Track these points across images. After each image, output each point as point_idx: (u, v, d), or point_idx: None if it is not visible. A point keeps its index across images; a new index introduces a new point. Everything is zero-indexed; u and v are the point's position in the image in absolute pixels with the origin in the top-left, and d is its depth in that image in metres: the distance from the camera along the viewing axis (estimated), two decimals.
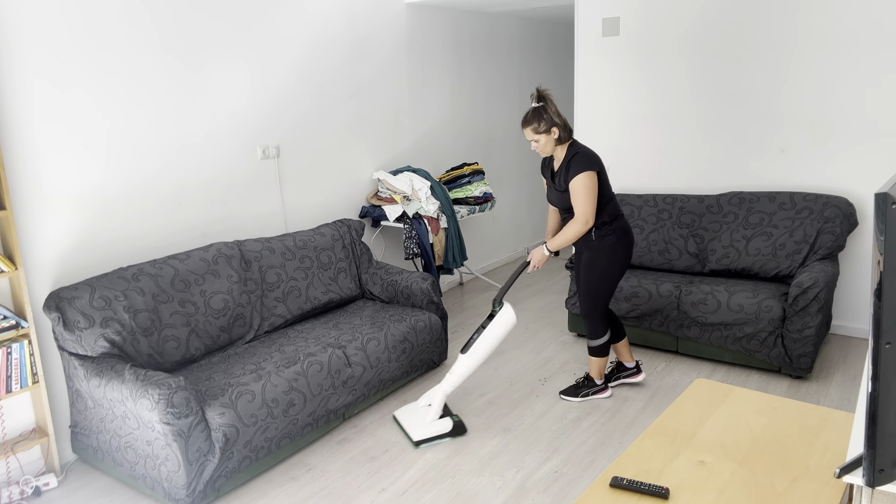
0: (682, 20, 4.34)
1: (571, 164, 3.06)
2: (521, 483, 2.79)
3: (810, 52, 3.95)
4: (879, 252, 1.09)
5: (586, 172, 3.02)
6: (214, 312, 3.27)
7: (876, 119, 3.84)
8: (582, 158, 3.04)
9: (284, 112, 4.04)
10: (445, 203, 4.73)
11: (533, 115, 3.05)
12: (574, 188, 3.05)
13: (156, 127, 3.37)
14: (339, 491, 2.80)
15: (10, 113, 2.83)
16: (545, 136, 3.06)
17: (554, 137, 3.07)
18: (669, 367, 3.83)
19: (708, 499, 1.77)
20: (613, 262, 3.22)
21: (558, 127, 3.05)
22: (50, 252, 3.01)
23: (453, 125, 5.45)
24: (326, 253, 3.89)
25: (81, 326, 2.82)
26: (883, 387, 1.13)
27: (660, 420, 2.19)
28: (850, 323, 4.16)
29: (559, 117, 3.05)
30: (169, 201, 3.47)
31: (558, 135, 3.07)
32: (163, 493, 2.66)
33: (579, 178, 3.02)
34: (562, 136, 3.08)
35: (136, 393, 2.55)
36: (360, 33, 4.49)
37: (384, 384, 3.44)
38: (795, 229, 3.88)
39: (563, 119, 3.06)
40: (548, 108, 3.04)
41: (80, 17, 3.01)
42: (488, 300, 5.19)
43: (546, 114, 3.03)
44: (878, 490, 1.29)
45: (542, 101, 3.06)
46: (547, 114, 3.03)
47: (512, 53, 6.02)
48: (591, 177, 3.03)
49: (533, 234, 6.73)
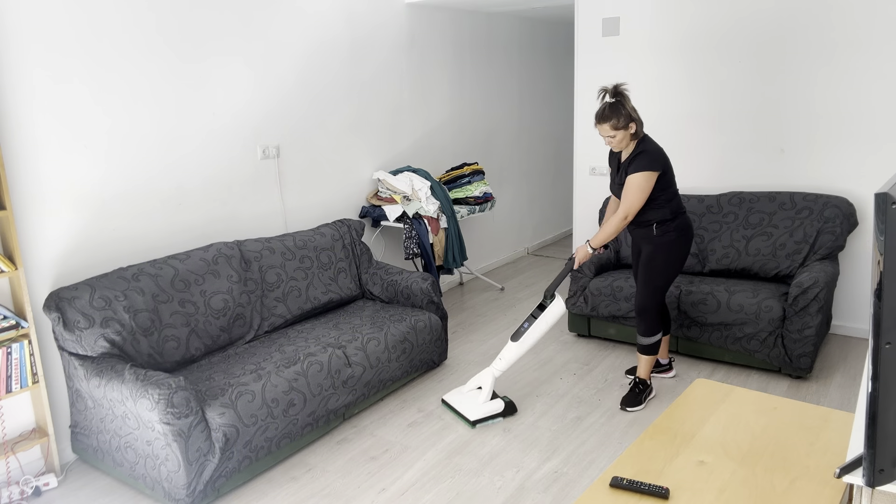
0: (681, 20, 4.34)
1: (635, 160, 3.07)
2: (521, 483, 2.79)
3: (810, 53, 3.95)
4: (879, 252, 1.09)
5: (646, 172, 3.04)
6: (214, 312, 3.27)
7: (876, 119, 3.84)
8: (647, 157, 3.05)
9: (285, 112, 4.04)
10: (445, 203, 4.73)
11: (611, 110, 3.02)
12: (629, 183, 3.07)
13: (156, 127, 3.37)
14: (339, 491, 2.80)
15: (10, 112, 2.83)
16: (623, 132, 3.05)
17: (631, 133, 3.06)
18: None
19: (708, 499, 1.77)
20: (674, 258, 3.23)
21: (636, 122, 3.05)
22: (50, 252, 3.01)
23: (453, 125, 5.45)
24: (326, 253, 3.89)
25: (81, 326, 2.82)
26: (883, 387, 1.13)
27: (660, 420, 2.19)
28: (850, 323, 4.16)
29: (635, 112, 3.05)
30: (169, 201, 3.47)
31: (635, 130, 3.06)
32: (163, 493, 2.67)
33: (638, 175, 3.04)
34: (638, 130, 3.07)
35: (136, 393, 2.55)
36: (361, 33, 4.49)
37: (384, 384, 3.44)
38: (795, 229, 3.88)
39: (637, 115, 3.06)
40: (625, 103, 3.03)
41: (81, 18, 3.01)
42: (488, 300, 5.20)
43: (624, 109, 3.02)
44: (878, 490, 1.29)
45: (619, 96, 3.05)
46: (625, 109, 3.02)
47: (512, 53, 6.02)
48: (650, 178, 3.05)
49: (533, 234, 6.73)
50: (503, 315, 4.84)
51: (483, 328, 4.59)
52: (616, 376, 3.75)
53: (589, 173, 4.94)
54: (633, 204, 3.08)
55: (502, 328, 4.58)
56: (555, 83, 6.77)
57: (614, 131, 3.05)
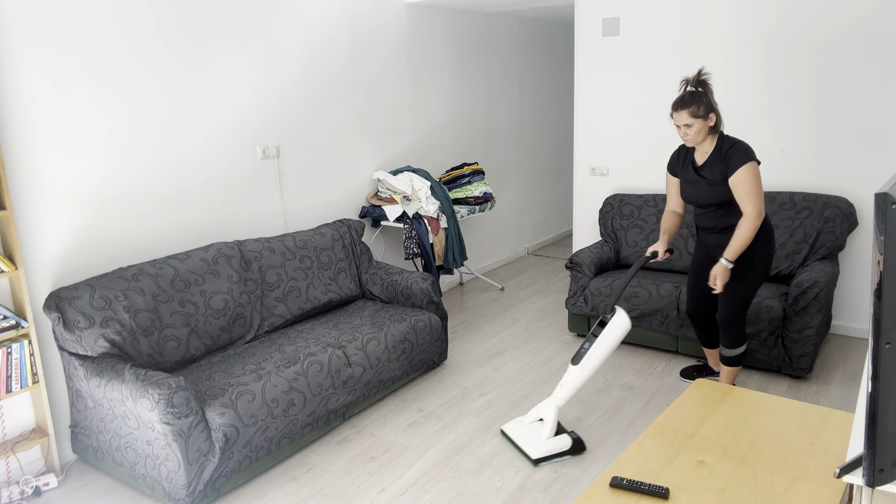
0: (681, 20, 4.34)
1: (731, 156, 2.87)
2: (521, 483, 2.79)
3: (810, 53, 3.95)
4: (879, 252, 1.09)
5: (751, 163, 2.83)
6: (214, 312, 3.27)
7: (876, 119, 3.84)
8: (742, 149, 2.86)
9: (285, 112, 4.04)
10: (445, 203, 4.73)
11: (691, 97, 2.86)
12: (739, 181, 2.84)
13: (156, 127, 3.37)
14: (339, 491, 2.80)
15: (10, 112, 2.83)
16: (701, 122, 2.87)
17: (710, 124, 2.89)
18: (669, 367, 3.83)
19: (708, 499, 1.77)
20: (765, 266, 3.03)
21: (716, 114, 2.89)
22: (50, 252, 3.01)
23: (453, 125, 5.45)
24: (326, 253, 3.89)
25: (81, 326, 2.82)
26: (883, 387, 1.13)
27: (660, 420, 2.19)
28: (850, 323, 4.16)
29: (717, 105, 2.90)
30: (169, 201, 3.47)
31: (714, 121, 2.89)
32: (163, 493, 2.67)
33: (744, 169, 2.83)
34: (717, 123, 2.91)
35: (136, 393, 2.55)
36: (361, 33, 4.49)
37: (384, 384, 3.44)
38: (795, 229, 3.88)
39: (718, 108, 2.91)
40: (708, 92, 2.89)
41: (81, 19, 3.01)
42: (488, 300, 5.20)
43: (706, 98, 2.87)
44: (878, 490, 1.29)
45: (701, 85, 2.90)
46: (707, 98, 2.87)
47: (512, 53, 6.02)
48: (756, 168, 2.85)
49: (533, 234, 6.74)
50: (503, 315, 4.84)
51: (483, 328, 4.59)
52: (616, 376, 3.75)
53: (589, 173, 4.94)
54: (758, 198, 2.84)
55: (502, 328, 4.58)
56: (555, 83, 6.77)
57: (692, 119, 2.86)
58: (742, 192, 2.86)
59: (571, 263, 4.20)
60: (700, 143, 2.95)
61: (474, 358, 4.09)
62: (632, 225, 4.40)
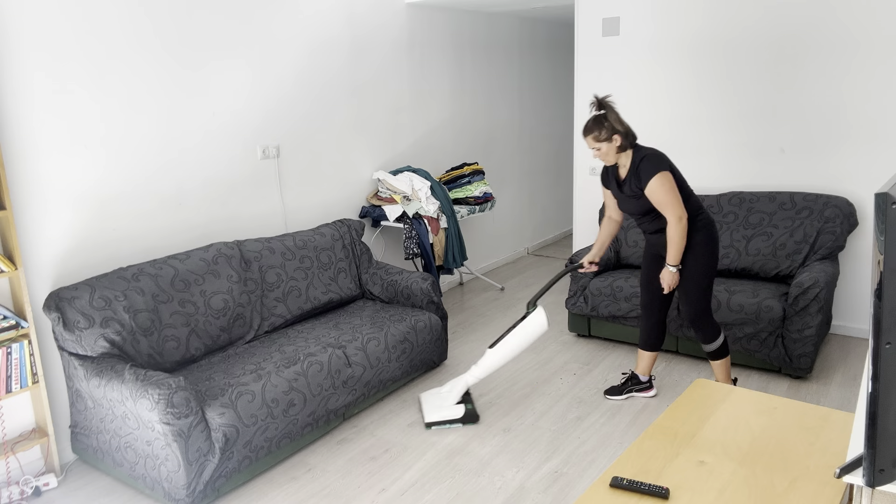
0: (681, 20, 4.34)
1: (640, 169, 2.99)
2: (521, 483, 2.79)
3: (810, 53, 3.95)
4: (879, 252, 1.09)
5: (660, 173, 2.96)
6: (214, 312, 3.27)
7: (876, 119, 3.84)
8: (650, 161, 2.98)
9: (284, 112, 4.04)
10: (445, 203, 4.73)
11: (594, 123, 3.00)
12: (653, 191, 2.98)
13: (156, 127, 3.37)
14: (339, 491, 2.80)
15: (10, 112, 2.83)
16: (606, 144, 3.00)
17: (616, 145, 3.00)
18: (669, 367, 3.83)
19: (708, 499, 1.77)
20: (710, 256, 3.11)
21: (619, 134, 2.99)
22: (50, 252, 3.01)
23: (453, 125, 5.45)
24: (326, 253, 3.89)
25: (81, 326, 2.82)
26: (883, 387, 1.13)
27: (660, 420, 2.19)
28: (850, 323, 4.16)
29: (621, 124, 2.99)
30: (169, 201, 3.47)
31: (620, 142, 3.00)
32: (163, 493, 2.67)
33: (655, 180, 2.96)
34: (623, 143, 3.01)
35: (136, 393, 2.55)
36: (361, 33, 4.49)
37: (384, 384, 3.44)
38: (795, 229, 3.88)
39: (625, 126, 3.00)
40: (608, 115, 2.98)
41: (80, 16, 3.01)
42: (488, 300, 5.20)
43: (607, 122, 2.97)
44: (878, 490, 1.29)
45: (603, 108, 3.01)
46: (608, 122, 2.97)
47: (512, 53, 6.02)
48: (666, 177, 2.96)
49: (533, 234, 6.74)
50: (503, 315, 4.84)
51: (483, 328, 4.59)
52: (616, 376, 3.75)
53: (589, 173, 4.94)
54: (675, 204, 2.96)
55: (502, 328, 4.58)
56: (555, 83, 6.77)
57: (598, 143, 3.01)
58: (657, 201, 2.99)
59: (571, 263, 4.20)
60: (614, 161, 3.07)
61: (474, 358, 4.09)
62: (632, 225, 4.40)
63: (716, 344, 3.21)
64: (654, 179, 2.95)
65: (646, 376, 3.48)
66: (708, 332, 3.19)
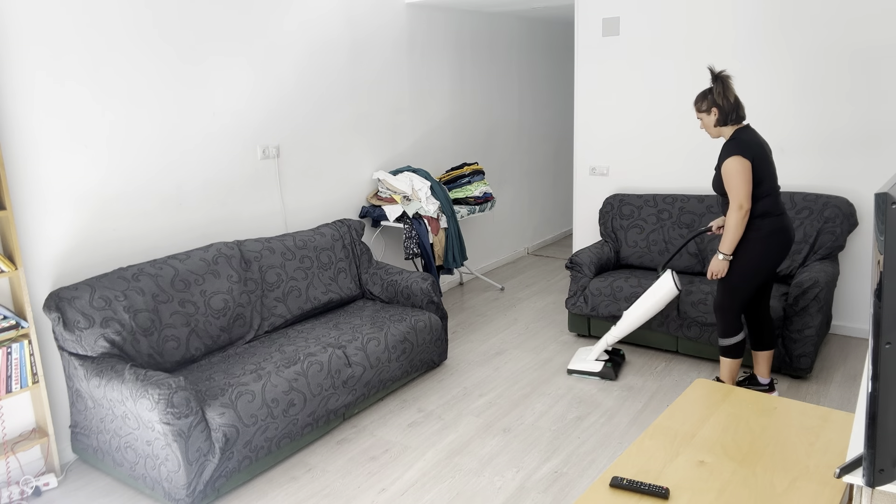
0: (681, 20, 4.34)
1: (725, 147, 3.02)
2: (521, 483, 2.79)
3: (811, 52, 3.95)
4: (879, 252, 1.09)
5: (735, 157, 2.95)
6: (214, 312, 3.27)
7: (876, 119, 3.84)
8: (734, 143, 2.99)
9: (285, 112, 4.04)
10: (445, 203, 4.73)
11: (701, 94, 3.09)
12: (724, 172, 2.99)
13: (156, 127, 3.37)
14: (339, 491, 2.80)
15: (11, 112, 2.83)
16: (706, 116, 3.08)
17: (713, 118, 3.05)
18: (669, 367, 3.83)
19: (708, 499, 1.77)
20: (757, 258, 3.05)
21: (718, 108, 3.02)
22: (50, 252, 3.01)
23: (453, 125, 5.45)
24: (326, 253, 3.89)
25: (81, 326, 2.82)
26: (883, 387, 1.13)
27: (660, 420, 2.19)
28: (850, 323, 4.16)
29: (725, 99, 3.00)
30: (169, 201, 3.47)
31: (717, 116, 3.04)
32: (163, 493, 2.67)
33: (728, 161, 2.97)
34: (720, 118, 3.03)
35: (136, 393, 2.55)
36: (361, 33, 4.49)
37: (384, 384, 3.44)
38: (795, 229, 3.88)
39: (731, 103, 3.01)
40: (714, 88, 3.02)
41: (81, 19, 3.01)
42: (488, 300, 5.20)
43: (710, 94, 3.04)
44: (878, 490, 1.29)
45: (715, 82, 3.04)
46: (711, 94, 3.04)
47: (512, 53, 6.02)
48: (741, 162, 2.94)
49: (533, 234, 6.73)
50: (503, 315, 4.84)
51: (483, 328, 4.59)
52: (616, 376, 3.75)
53: (589, 173, 4.94)
54: (738, 191, 2.95)
55: (502, 328, 4.58)
56: (555, 83, 6.77)
57: (699, 114, 3.10)
58: (726, 182, 3.00)
59: (571, 263, 4.20)
60: (715, 134, 3.12)
61: (474, 358, 4.09)
62: (632, 225, 4.40)
63: (726, 341, 3.21)
64: (729, 160, 2.97)
65: (766, 378, 3.36)
66: (722, 327, 3.20)
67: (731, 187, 2.97)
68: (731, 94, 3.01)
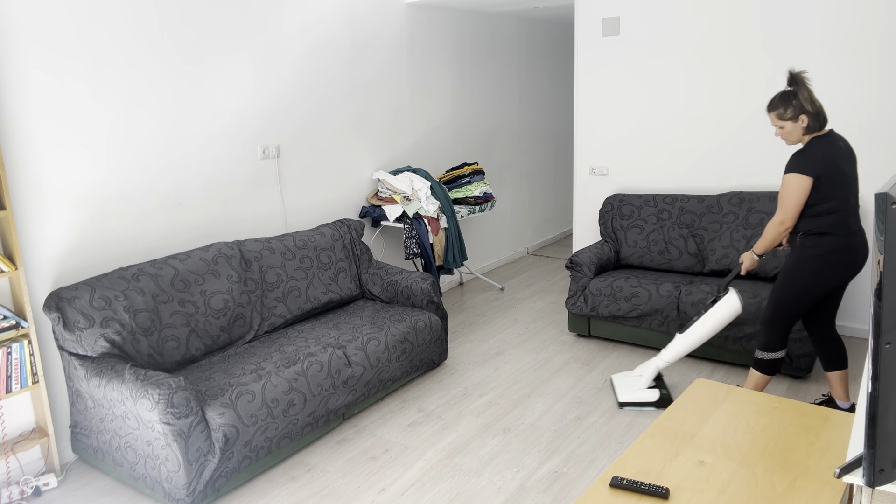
0: (681, 20, 4.34)
1: (791, 158, 2.77)
2: (521, 483, 2.79)
3: (812, 53, 3.95)
4: (879, 252, 1.09)
5: (796, 174, 2.73)
6: (214, 312, 3.27)
7: (876, 119, 3.84)
8: (801, 157, 2.74)
9: (285, 112, 4.04)
10: (445, 203, 4.73)
11: (780, 99, 2.75)
12: (782, 185, 2.79)
13: (156, 127, 3.37)
14: (339, 491, 2.80)
15: (10, 112, 2.83)
16: (791, 124, 2.75)
17: (802, 126, 2.74)
18: (669, 367, 3.83)
19: (708, 499, 1.77)
20: (812, 276, 2.82)
21: (808, 115, 2.71)
22: (50, 252, 3.01)
23: (453, 125, 5.45)
24: (326, 253, 3.89)
25: (81, 326, 2.82)
26: (883, 387, 1.13)
27: (660, 420, 2.19)
28: (850, 323, 4.16)
29: (811, 104, 2.72)
30: (169, 201, 3.47)
31: (807, 123, 2.73)
32: (163, 493, 2.66)
33: (787, 177, 2.75)
34: (811, 125, 2.73)
35: (136, 393, 2.55)
36: (361, 33, 4.49)
37: (384, 384, 3.44)
38: None
39: (816, 107, 2.72)
40: (799, 92, 2.72)
41: (81, 19, 3.01)
42: (488, 300, 5.20)
43: (795, 99, 2.72)
44: (878, 490, 1.29)
45: (795, 84, 2.74)
46: (797, 100, 2.72)
47: (512, 53, 6.02)
48: (800, 180, 2.72)
49: (533, 234, 6.73)
50: (503, 315, 4.84)
51: (483, 328, 4.59)
52: None
53: (589, 173, 4.94)
54: (786, 208, 2.77)
55: (502, 328, 4.58)
56: (555, 83, 6.77)
57: (781, 122, 2.77)
58: (779, 195, 2.82)
59: (571, 263, 4.20)
60: (796, 142, 2.82)
61: (474, 358, 4.09)
62: (632, 225, 4.40)
63: (763, 355, 3.03)
64: (787, 175, 2.76)
65: (846, 402, 3.10)
66: (768, 340, 3.01)
67: (781, 199, 2.79)
68: (816, 98, 2.75)
